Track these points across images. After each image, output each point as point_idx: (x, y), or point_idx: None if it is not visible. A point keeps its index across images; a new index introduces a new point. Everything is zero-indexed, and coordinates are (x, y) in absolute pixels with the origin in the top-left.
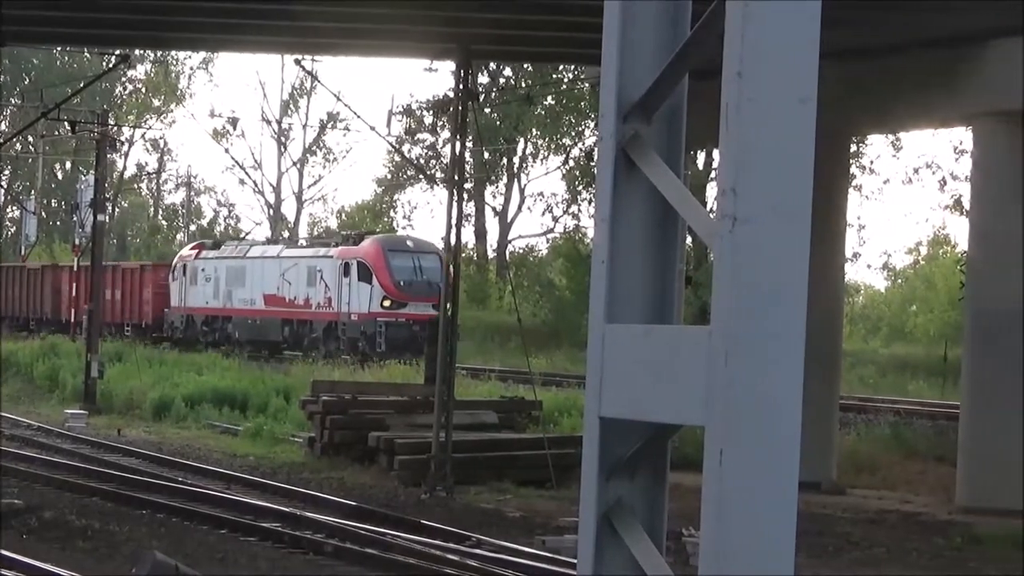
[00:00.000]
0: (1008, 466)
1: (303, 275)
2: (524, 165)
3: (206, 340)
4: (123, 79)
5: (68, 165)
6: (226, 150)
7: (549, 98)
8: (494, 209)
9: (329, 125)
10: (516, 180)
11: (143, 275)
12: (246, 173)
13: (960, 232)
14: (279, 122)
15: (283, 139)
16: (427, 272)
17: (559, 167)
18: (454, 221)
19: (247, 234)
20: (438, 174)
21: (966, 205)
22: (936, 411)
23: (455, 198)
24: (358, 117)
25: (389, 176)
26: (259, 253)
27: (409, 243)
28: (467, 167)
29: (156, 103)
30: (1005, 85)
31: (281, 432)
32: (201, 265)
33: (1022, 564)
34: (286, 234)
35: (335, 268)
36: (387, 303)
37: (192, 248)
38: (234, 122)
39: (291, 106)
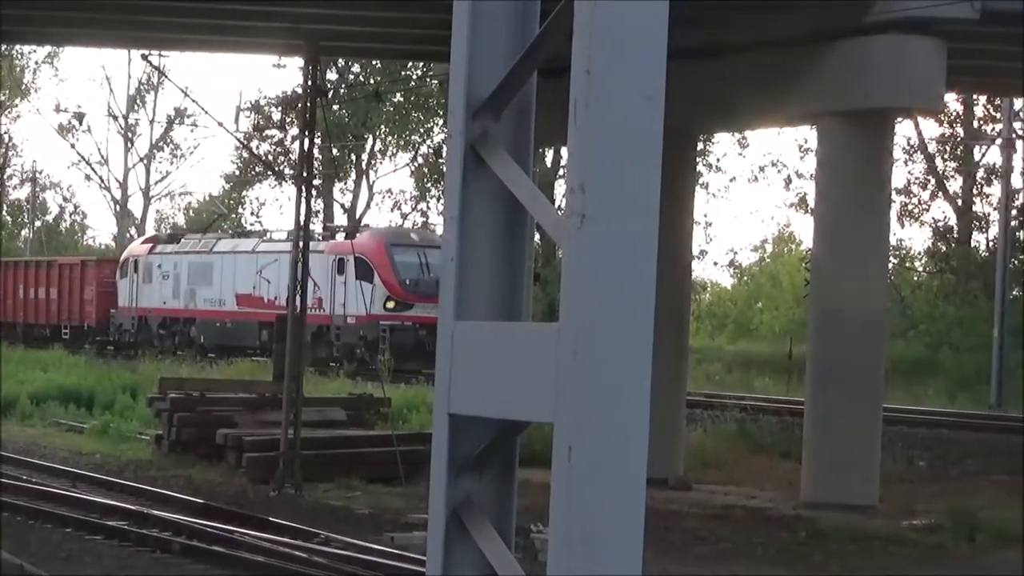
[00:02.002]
0: (852, 462)
1: (285, 272)
2: (373, 162)
3: (162, 344)
4: None
5: None
6: (72, 145)
7: (398, 95)
8: (343, 205)
9: (176, 121)
10: (365, 177)
11: (84, 272)
12: (92, 169)
13: (805, 230)
14: (126, 117)
15: (130, 135)
16: (435, 269)
17: (408, 164)
18: (302, 217)
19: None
20: (286, 170)
21: (811, 203)
22: (781, 407)
23: (303, 194)
24: (206, 113)
25: (237, 172)
26: (229, 247)
27: (414, 236)
28: (315, 163)
29: (0, 97)
30: (847, 85)
31: (128, 430)
32: (157, 261)
33: (863, 557)
34: (133, 231)
35: (326, 265)
36: (391, 305)
37: (144, 241)
38: (80, 117)
39: (138, 101)
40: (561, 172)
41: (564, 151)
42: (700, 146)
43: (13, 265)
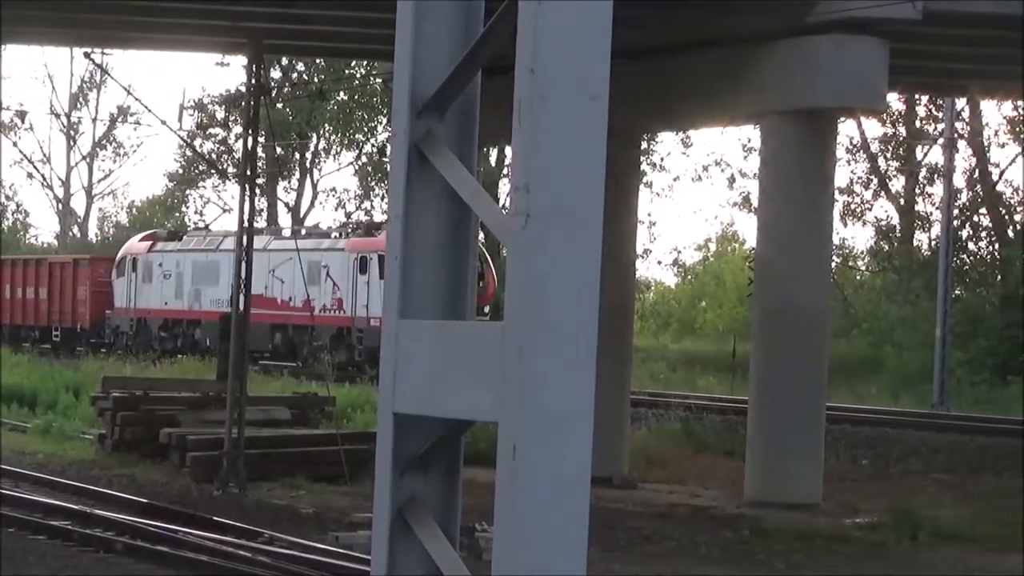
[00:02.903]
0: (795, 460)
1: (301, 272)
2: (316, 160)
3: (163, 347)
4: None
5: None
6: (14, 143)
7: (341, 94)
8: (287, 204)
9: (119, 119)
10: (308, 175)
11: (77, 271)
12: (35, 167)
13: (748, 229)
14: (68, 115)
15: (72, 133)
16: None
17: (352, 163)
18: (246, 216)
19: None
20: (230, 169)
21: (754, 202)
22: (725, 406)
23: (247, 193)
24: (149, 111)
25: (181, 171)
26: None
27: None
28: (259, 162)
29: None
30: (790, 84)
31: (71, 429)
32: (158, 259)
33: (806, 555)
34: (75, 229)
35: (347, 263)
36: None
37: (143, 239)
38: (22, 115)
39: (80, 99)
40: (505, 171)
41: (508, 150)
42: (644, 145)
43: None
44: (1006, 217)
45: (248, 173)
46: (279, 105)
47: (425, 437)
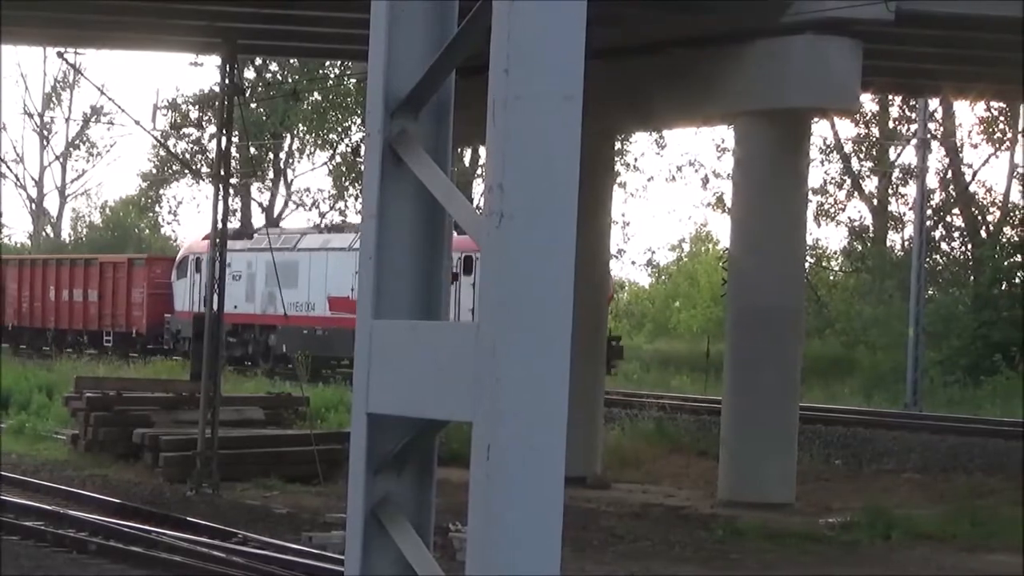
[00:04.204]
0: (768, 460)
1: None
2: (290, 160)
3: (232, 354)
4: None
5: None
6: None
7: (315, 94)
8: (260, 204)
9: (93, 119)
10: (282, 175)
11: (132, 271)
12: (8, 167)
13: (722, 229)
14: (41, 115)
15: (45, 133)
16: None
17: (326, 163)
18: (220, 216)
19: None
20: (204, 169)
21: (728, 203)
22: (699, 406)
23: (221, 193)
24: (122, 111)
25: (154, 171)
26: (319, 244)
27: None
28: (233, 162)
29: None
30: (764, 85)
31: (44, 429)
32: (226, 259)
33: (780, 555)
34: (48, 229)
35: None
36: None
37: (206, 237)
38: None
39: (54, 99)
40: (479, 171)
41: (483, 150)
42: (618, 145)
43: (43, 264)
44: (979, 217)
45: (222, 173)
46: (253, 105)
47: (399, 437)
